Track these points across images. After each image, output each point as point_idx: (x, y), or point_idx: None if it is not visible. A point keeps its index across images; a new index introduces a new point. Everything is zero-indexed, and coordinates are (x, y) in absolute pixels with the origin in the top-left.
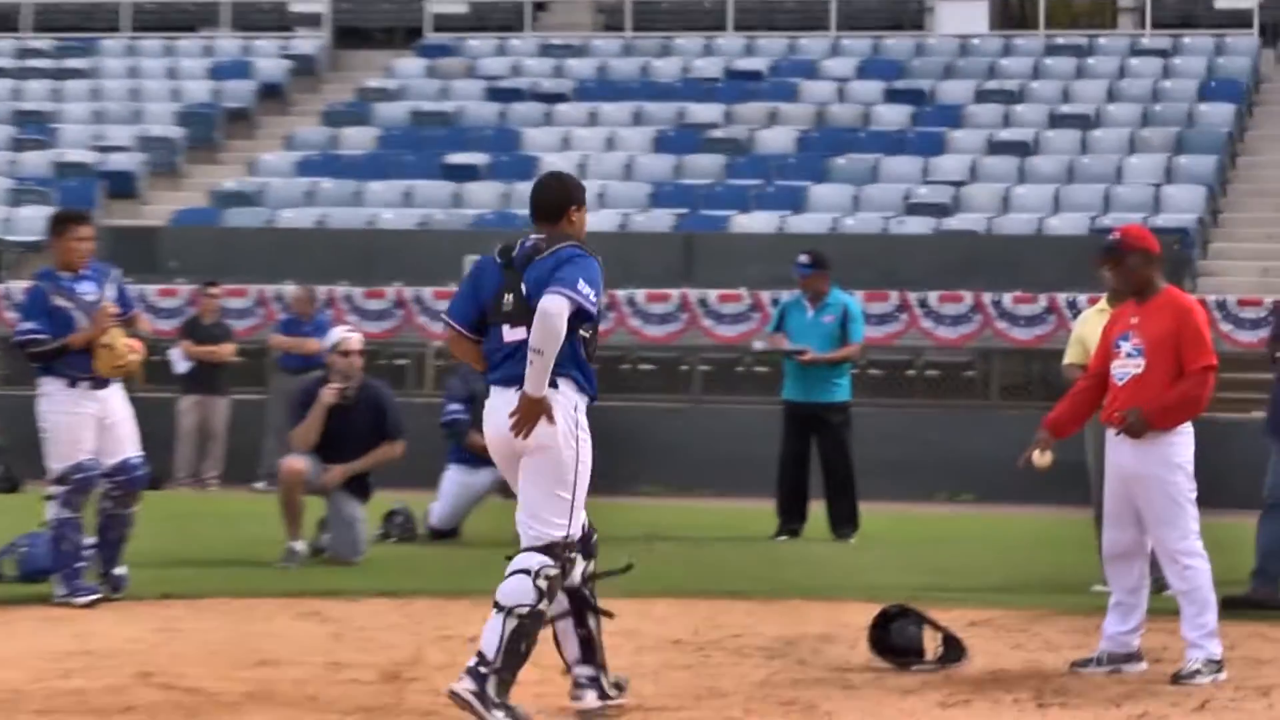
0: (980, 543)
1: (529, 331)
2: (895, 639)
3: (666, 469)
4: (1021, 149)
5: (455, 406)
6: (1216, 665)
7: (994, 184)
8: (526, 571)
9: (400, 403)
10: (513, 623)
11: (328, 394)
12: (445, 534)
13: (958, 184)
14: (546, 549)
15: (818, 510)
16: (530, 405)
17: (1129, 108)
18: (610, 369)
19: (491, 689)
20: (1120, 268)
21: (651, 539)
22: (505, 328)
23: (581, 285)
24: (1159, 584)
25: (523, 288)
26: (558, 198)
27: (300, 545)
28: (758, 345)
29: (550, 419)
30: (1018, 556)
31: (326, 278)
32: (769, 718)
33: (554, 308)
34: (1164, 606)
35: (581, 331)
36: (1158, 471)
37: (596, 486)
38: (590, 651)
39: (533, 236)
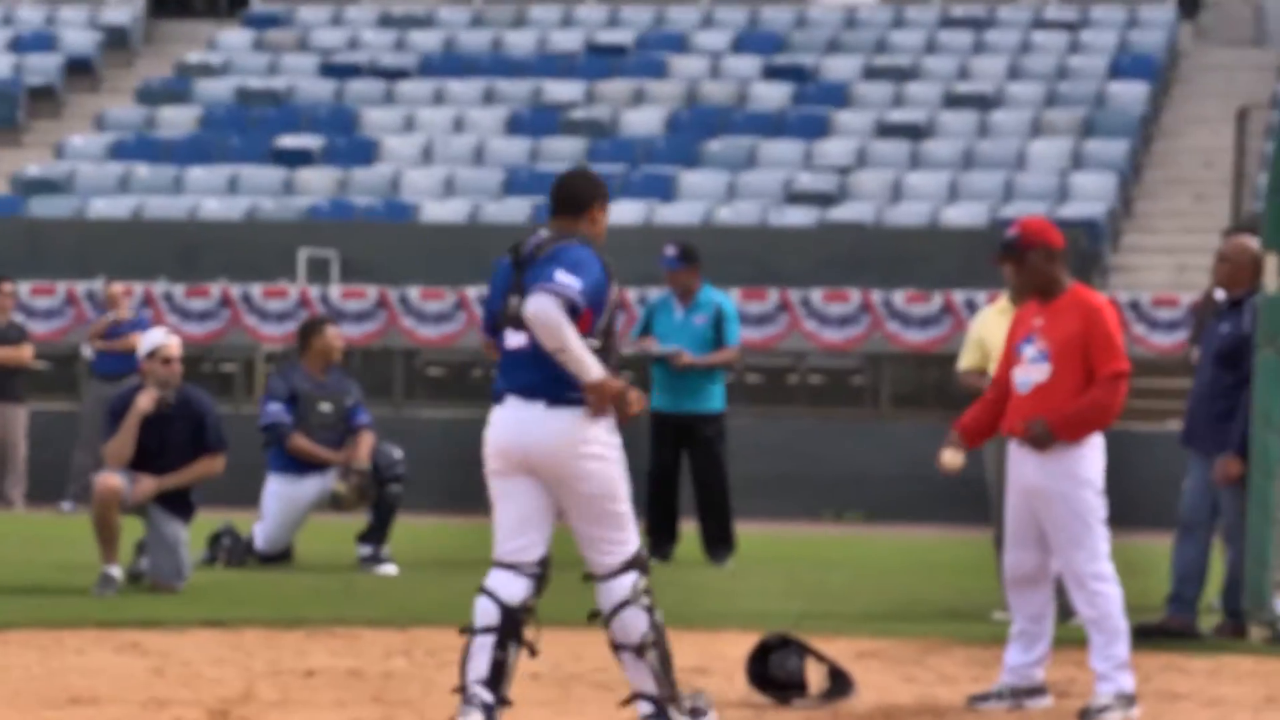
0: (869, 566)
1: (527, 338)
2: (775, 672)
3: None
4: (914, 132)
5: (275, 407)
6: (1128, 700)
7: (883, 171)
8: (627, 602)
9: (226, 413)
10: (651, 654)
11: (144, 400)
12: (274, 557)
13: (843, 171)
14: (628, 567)
15: (690, 531)
16: (597, 389)
17: (1032, 87)
18: (461, 376)
19: (675, 713)
20: (1021, 266)
21: None
22: (508, 332)
23: (560, 276)
24: (1065, 611)
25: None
26: (584, 192)
27: (116, 570)
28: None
29: (615, 398)
30: (911, 581)
31: (143, 274)
32: None
33: (534, 309)
34: (1071, 635)
35: (587, 337)
36: (1064, 487)
37: (453, 506)
38: (498, 679)
39: (541, 233)
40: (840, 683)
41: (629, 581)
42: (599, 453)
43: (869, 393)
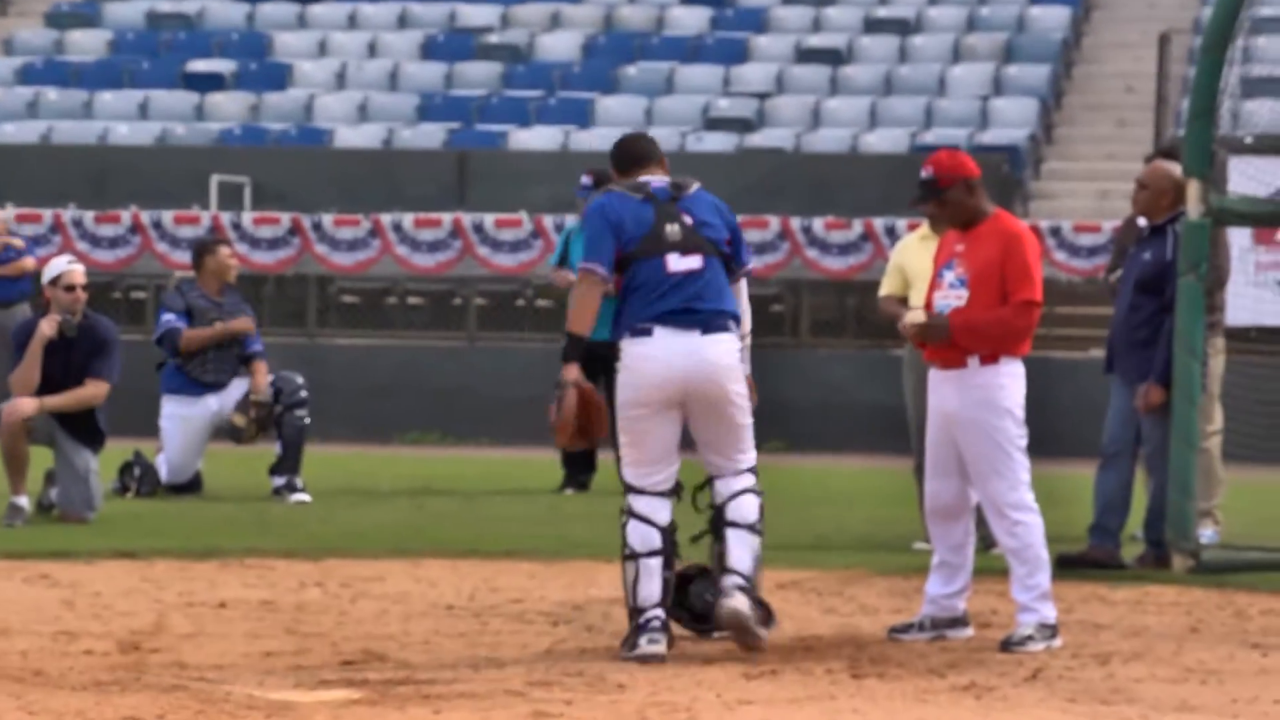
0: (789, 496)
1: (702, 260)
2: (694, 603)
3: (439, 415)
4: (833, 57)
5: (169, 316)
6: (1050, 630)
7: (803, 96)
8: (749, 489)
9: (137, 340)
10: (758, 538)
11: (46, 326)
12: (183, 487)
13: (762, 96)
14: (751, 470)
15: (607, 461)
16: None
17: (952, 11)
18: (374, 303)
19: (757, 593)
20: (943, 205)
21: (422, 493)
22: (673, 256)
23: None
24: (986, 541)
25: (687, 218)
26: (653, 146)
27: (24, 501)
28: (540, 278)
29: None
30: (831, 511)
31: (53, 200)
32: (553, 690)
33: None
34: (992, 566)
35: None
36: (983, 415)
37: (367, 435)
38: (665, 599)
39: (657, 178)
40: (760, 614)
41: (751, 479)
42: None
43: (788, 321)
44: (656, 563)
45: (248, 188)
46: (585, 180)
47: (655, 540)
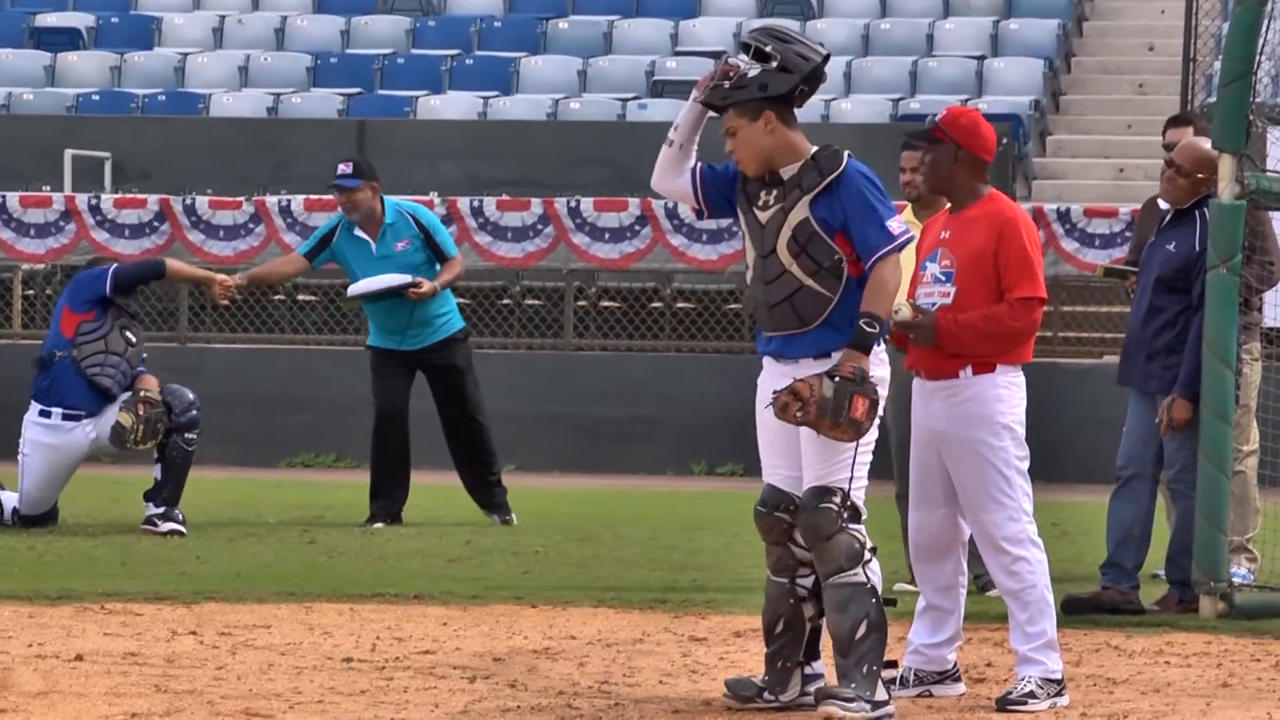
0: (748, 528)
1: None
2: None
3: (334, 434)
4: (801, 10)
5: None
6: (1056, 686)
7: None
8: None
9: None
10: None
11: None
12: (37, 519)
13: (718, 56)
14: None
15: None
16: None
17: None
18: (258, 301)
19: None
20: (926, 156)
21: (314, 526)
22: None
23: None
24: (980, 582)
25: None
26: None
27: None
28: (355, 291)
29: None
30: None
31: None
32: None
33: None
34: (987, 610)
35: None
36: (977, 433)
37: (249, 457)
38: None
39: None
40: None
41: None
42: None
43: (747, 321)
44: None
45: (108, 164)
46: (344, 168)
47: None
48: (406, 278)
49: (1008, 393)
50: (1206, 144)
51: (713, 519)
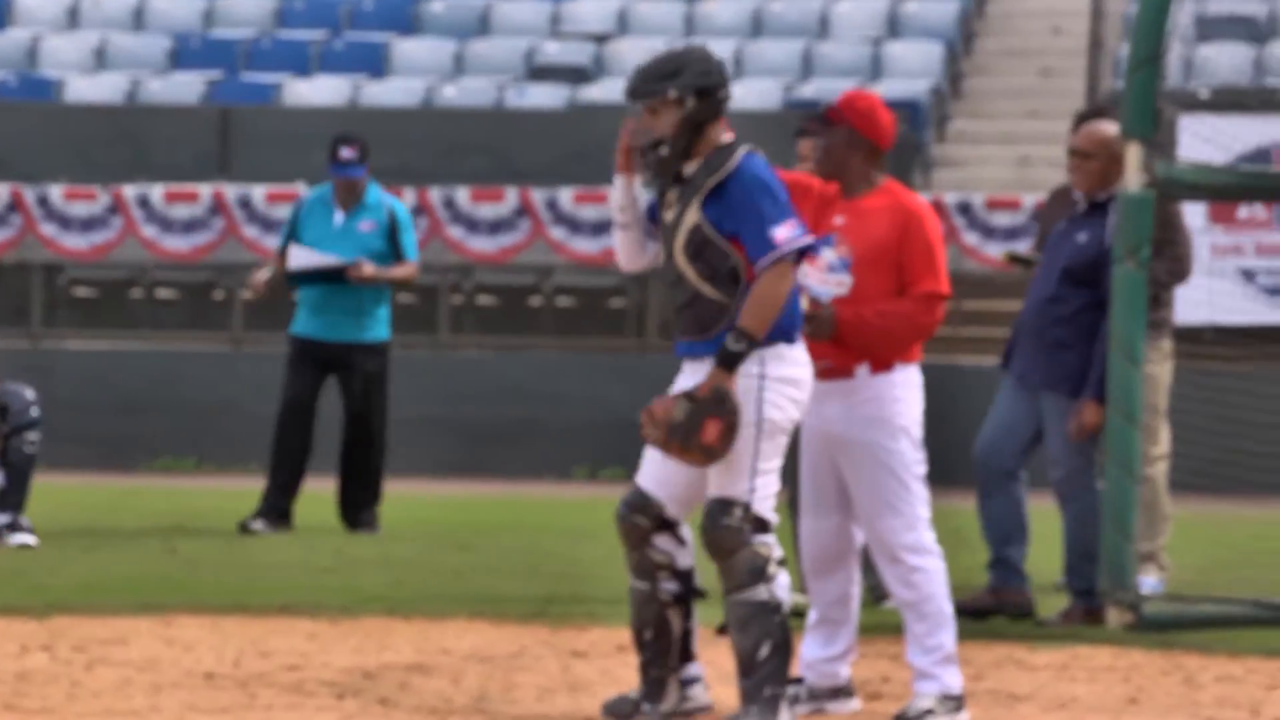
0: None
1: None
2: None
3: (195, 437)
4: None
5: None
6: (955, 703)
7: (650, 39)
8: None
9: None
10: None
11: None
12: None
13: (600, 39)
14: None
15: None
16: None
17: None
18: (115, 297)
19: None
20: (819, 140)
21: (174, 534)
22: None
23: None
24: (875, 592)
25: None
26: None
27: None
28: (294, 264)
29: None
30: None
31: None
32: None
33: None
34: (883, 621)
35: None
36: (874, 436)
37: (105, 462)
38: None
39: None
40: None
41: None
42: None
43: (631, 318)
44: None
45: None
46: (349, 153)
47: None
48: (348, 259)
49: (905, 393)
50: (1111, 127)
51: (595, 526)
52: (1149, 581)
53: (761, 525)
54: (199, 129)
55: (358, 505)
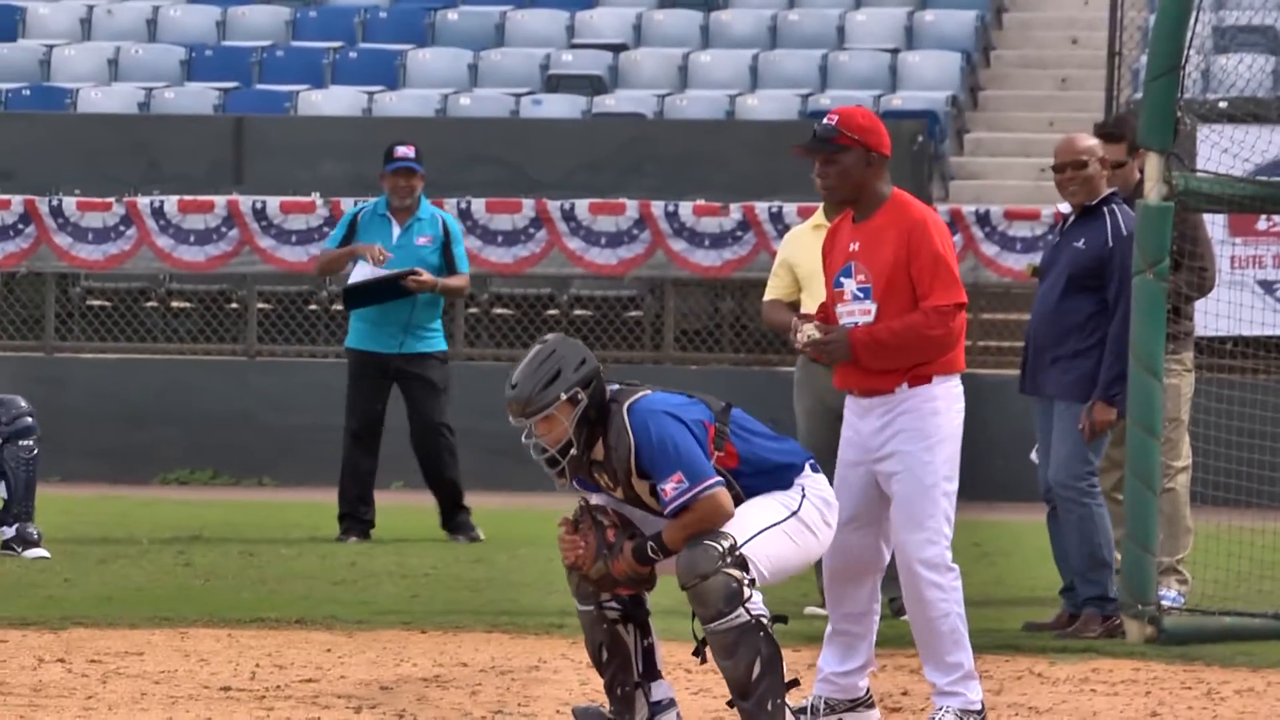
0: None
1: None
2: None
3: (210, 449)
4: (706, 1)
5: None
6: (977, 716)
7: (668, 50)
8: None
9: None
10: None
11: None
12: None
13: (616, 49)
14: None
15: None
16: None
17: None
18: (129, 308)
19: None
20: (829, 168)
21: (190, 546)
22: None
23: None
24: (896, 605)
25: None
26: None
27: None
28: (355, 278)
29: None
30: None
31: None
32: None
33: None
34: (904, 633)
35: None
36: (909, 447)
37: (119, 474)
38: None
39: None
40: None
41: None
42: None
43: (649, 329)
44: None
45: None
46: (404, 151)
47: None
48: (405, 269)
49: (944, 405)
50: (1084, 138)
51: None
52: (1170, 595)
53: (741, 564)
54: (213, 139)
55: (452, 513)
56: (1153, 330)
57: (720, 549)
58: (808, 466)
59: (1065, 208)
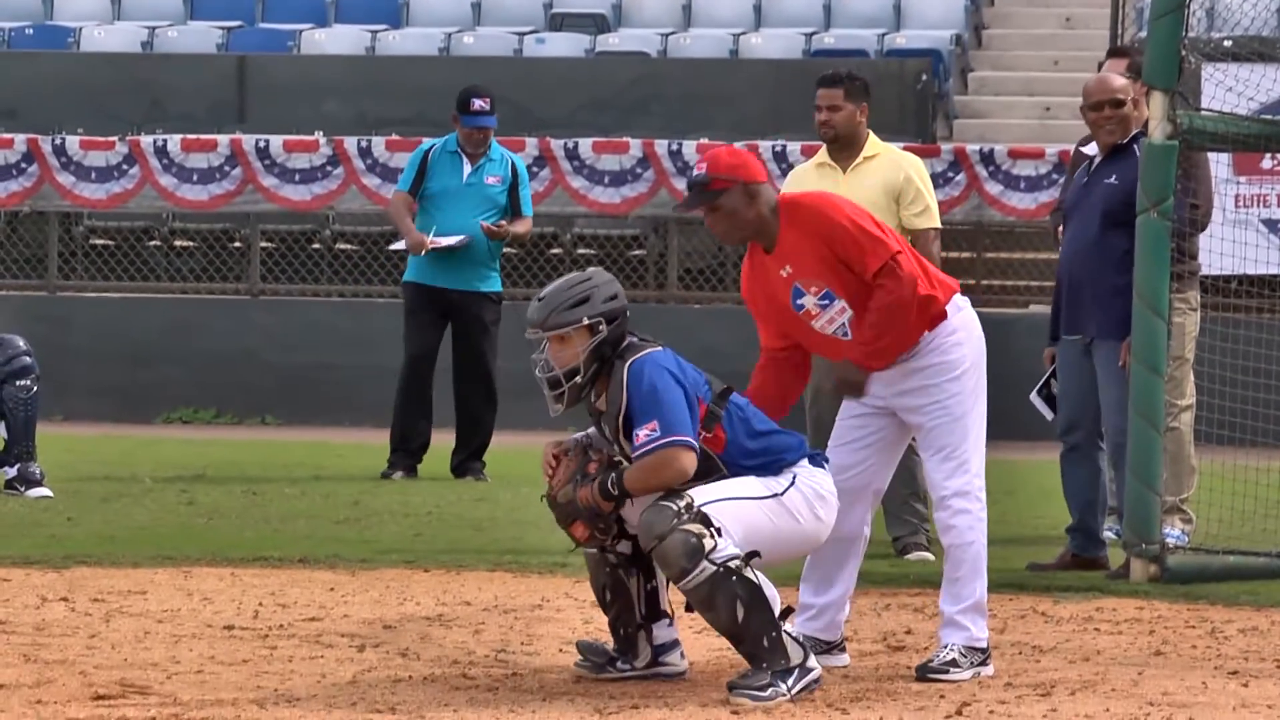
0: None
1: None
2: None
3: (214, 388)
4: None
5: None
6: (981, 655)
7: None
8: None
9: None
10: None
11: None
12: None
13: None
14: None
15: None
16: None
17: None
18: (132, 247)
19: None
20: (716, 214)
21: (193, 485)
22: None
23: None
24: (900, 544)
25: None
26: None
27: None
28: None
29: None
30: None
31: None
32: None
33: None
34: (907, 573)
35: None
36: (937, 380)
37: (122, 413)
38: None
39: None
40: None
41: None
42: None
43: (652, 268)
44: None
45: None
46: (482, 104)
47: None
48: (478, 229)
49: (965, 334)
50: (1115, 77)
51: None
52: (1174, 533)
53: (703, 519)
54: (216, 78)
55: (470, 453)
56: (1157, 269)
57: (675, 507)
58: (806, 460)
59: (1090, 149)
